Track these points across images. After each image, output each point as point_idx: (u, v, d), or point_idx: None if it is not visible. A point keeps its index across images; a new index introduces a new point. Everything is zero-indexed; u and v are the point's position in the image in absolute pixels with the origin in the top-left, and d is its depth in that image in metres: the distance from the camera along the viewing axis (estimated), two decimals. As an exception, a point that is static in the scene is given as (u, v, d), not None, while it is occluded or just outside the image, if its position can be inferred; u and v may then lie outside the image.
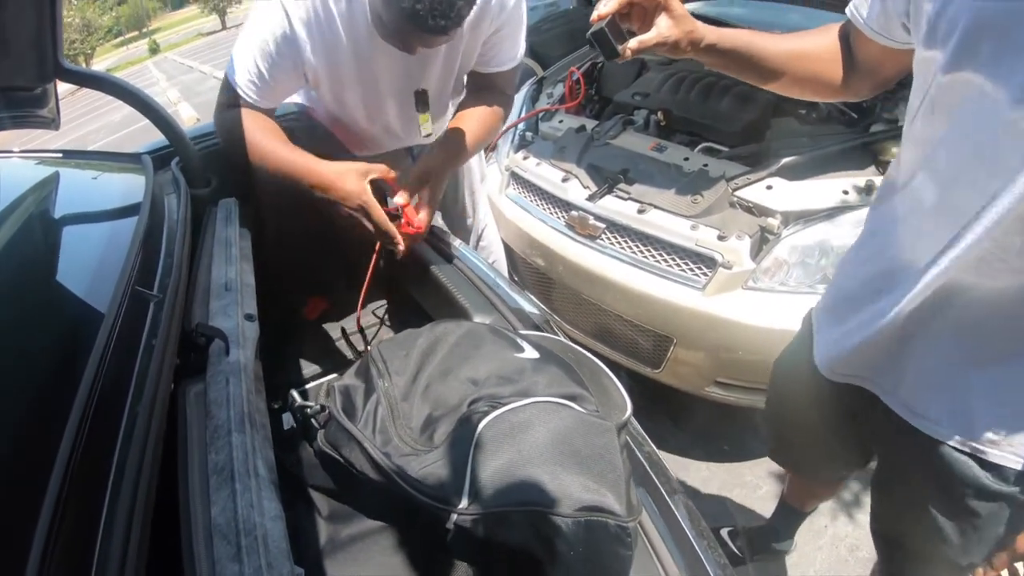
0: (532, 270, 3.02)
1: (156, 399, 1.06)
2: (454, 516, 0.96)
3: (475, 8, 1.52)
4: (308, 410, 1.26)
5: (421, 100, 1.99)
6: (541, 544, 0.95)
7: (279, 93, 1.81)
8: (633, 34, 1.23)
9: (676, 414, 3.02)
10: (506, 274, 2.74)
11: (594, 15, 1.19)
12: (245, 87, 1.71)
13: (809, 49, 1.35)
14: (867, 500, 1.68)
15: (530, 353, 1.22)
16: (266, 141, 1.73)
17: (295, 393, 1.35)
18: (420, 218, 1.72)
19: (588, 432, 1.03)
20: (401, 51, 1.66)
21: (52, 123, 1.84)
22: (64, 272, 1.52)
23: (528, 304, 1.69)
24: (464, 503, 0.96)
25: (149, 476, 0.94)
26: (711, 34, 1.27)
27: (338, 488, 1.25)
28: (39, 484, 0.81)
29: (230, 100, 1.76)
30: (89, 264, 1.50)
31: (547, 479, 0.96)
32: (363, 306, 1.93)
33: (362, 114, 2.03)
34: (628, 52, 1.21)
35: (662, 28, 1.21)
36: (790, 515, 2.27)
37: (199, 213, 1.93)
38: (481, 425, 1.02)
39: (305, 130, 2.13)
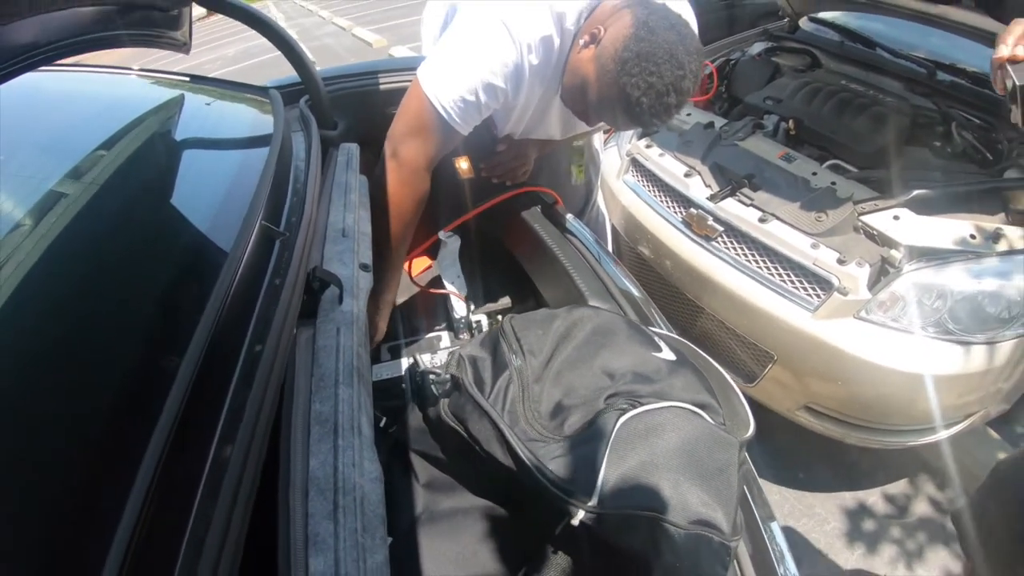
0: (636, 258, 2.98)
1: (280, 342, 1.04)
2: (581, 513, 0.93)
3: None
4: (433, 377, 1.25)
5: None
6: (652, 551, 0.93)
7: (479, 121, 1.73)
8: None
9: (758, 431, 2.93)
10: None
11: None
12: (458, 114, 1.63)
13: None
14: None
15: (667, 354, 1.19)
16: (406, 241, 1.80)
17: (419, 356, 1.33)
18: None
19: (714, 445, 1.01)
20: (580, 119, 1.75)
21: (183, 46, 1.83)
22: (186, 197, 1.49)
23: (633, 287, 1.72)
24: (593, 501, 0.94)
25: (266, 426, 0.92)
26: None
27: (445, 458, 1.23)
28: (154, 410, 0.80)
29: (426, 133, 1.68)
30: (214, 193, 1.49)
31: (669, 487, 0.94)
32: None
33: (518, 131, 2.06)
34: None
35: None
36: None
37: (323, 154, 1.91)
38: (619, 423, 0.99)
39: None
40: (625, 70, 1.42)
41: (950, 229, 2.25)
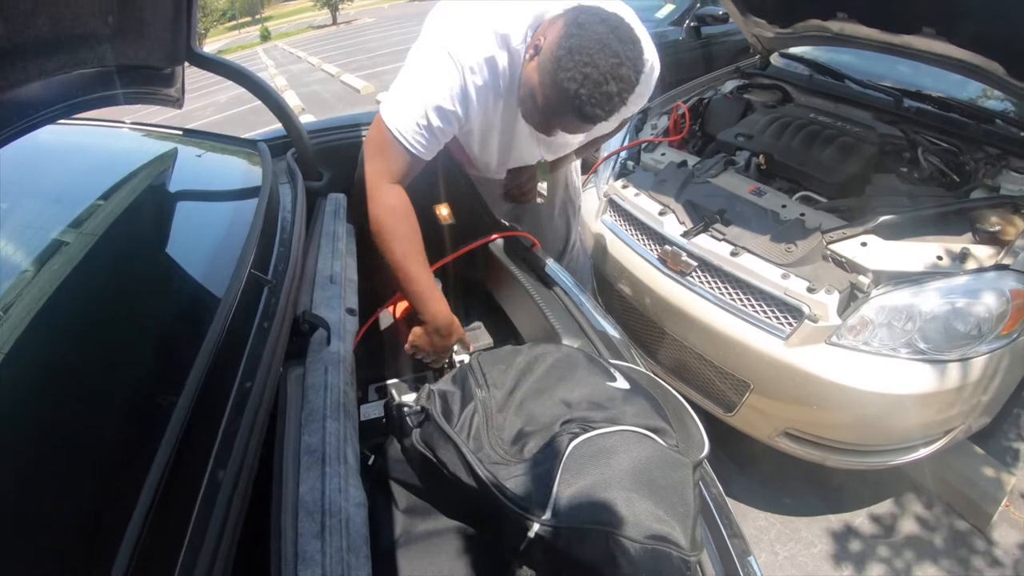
0: (617, 296, 3.04)
1: (267, 381, 1.15)
2: (536, 526, 1.03)
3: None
4: (407, 409, 1.34)
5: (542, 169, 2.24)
6: (609, 564, 1.00)
7: (440, 145, 1.81)
8: None
9: (741, 459, 3.01)
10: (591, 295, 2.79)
11: None
12: (414, 138, 1.72)
13: None
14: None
15: (621, 383, 1.28)
16: (408, 244, 1.78)
17: (394, 391, 1.43)
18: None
19: (666, 465, 1.09)
20: (538, 131, 1.80)
21: (176, 102, 1.94)
22: (181, 247, 1.62)
23: (611, 328, 1.75)
24: (547, 515, 1.03)
25: (255, 452, 1.02)
26: None
27: (421, 484, 1.32)
28: (150, 451, 0.90)
29: (386, 156, 1.76)
30: (207, 242, 1.61)
31: (623, 504, 1.02)
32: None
33: (493, 159, 2.16)
34: None
35: None
36: None
37: (309, 204, 2.01)
38: (571, 445, 1.08)
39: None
40: (561, 66, 1.50)
41: (917, 252, 2.32)
